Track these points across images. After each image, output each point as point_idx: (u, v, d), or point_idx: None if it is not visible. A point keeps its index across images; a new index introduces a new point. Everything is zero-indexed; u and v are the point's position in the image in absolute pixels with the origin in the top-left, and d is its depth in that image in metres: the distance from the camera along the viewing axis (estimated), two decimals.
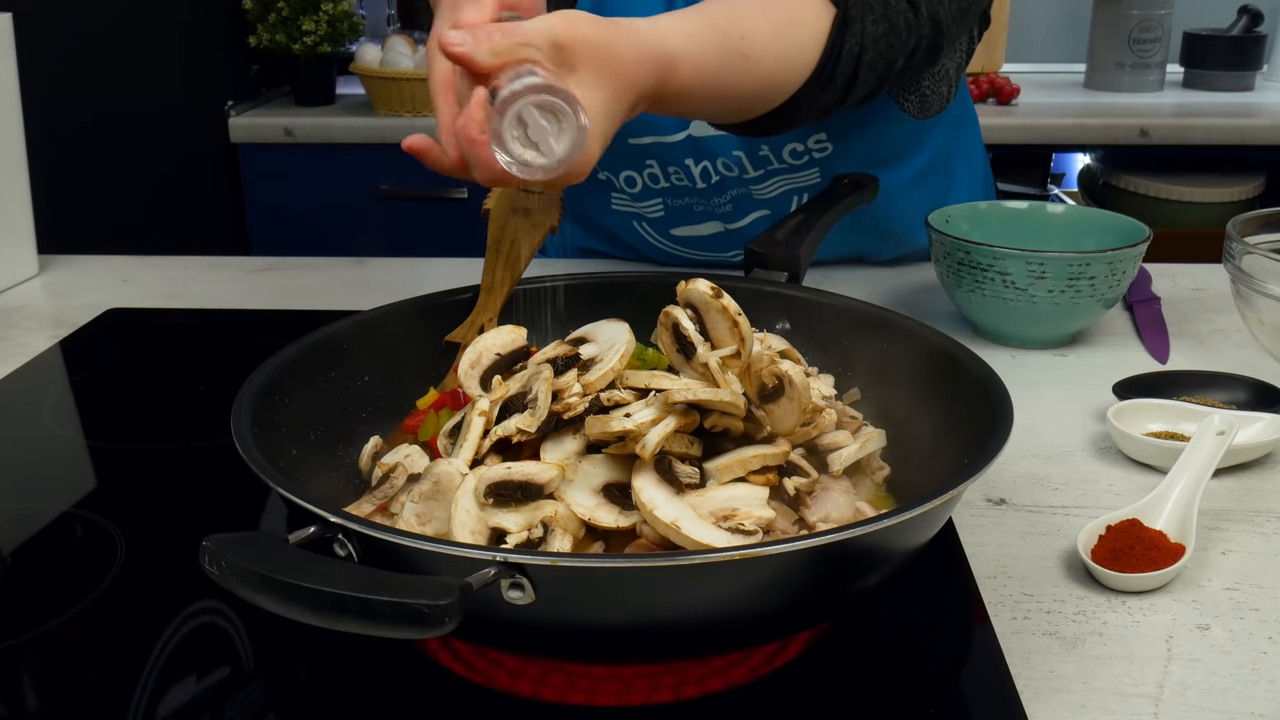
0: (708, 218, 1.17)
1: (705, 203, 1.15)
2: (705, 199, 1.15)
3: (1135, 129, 2.27)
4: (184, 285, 1.21)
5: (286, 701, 0.58)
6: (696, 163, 1.11)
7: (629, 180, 1.16)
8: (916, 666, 0.60)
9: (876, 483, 0.70)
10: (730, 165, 1.11)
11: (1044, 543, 0.70)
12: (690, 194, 1.15)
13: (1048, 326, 0.98)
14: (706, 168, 1.12)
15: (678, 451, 0.60)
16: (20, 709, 0.57)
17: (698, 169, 1.12)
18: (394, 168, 2.37)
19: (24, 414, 0.91)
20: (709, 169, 1.12)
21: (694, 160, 1.11)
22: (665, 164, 1.13)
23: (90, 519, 0.74)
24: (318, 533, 0.51)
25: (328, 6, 2.33)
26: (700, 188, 1.14)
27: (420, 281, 0.92)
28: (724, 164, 1.11)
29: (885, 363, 0.75)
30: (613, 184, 1.18)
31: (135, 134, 2.03)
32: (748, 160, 1.10)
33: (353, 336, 0.75)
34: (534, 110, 0.62)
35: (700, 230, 1.18)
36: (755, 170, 1.11)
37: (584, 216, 1.25)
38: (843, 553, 0.52)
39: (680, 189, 1.15)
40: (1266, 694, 0.57)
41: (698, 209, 1.16)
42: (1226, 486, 0.76)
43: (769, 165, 1.11)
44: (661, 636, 0.54)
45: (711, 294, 0.62)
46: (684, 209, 1.17)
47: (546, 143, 0.63)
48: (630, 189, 1.17)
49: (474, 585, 0.46)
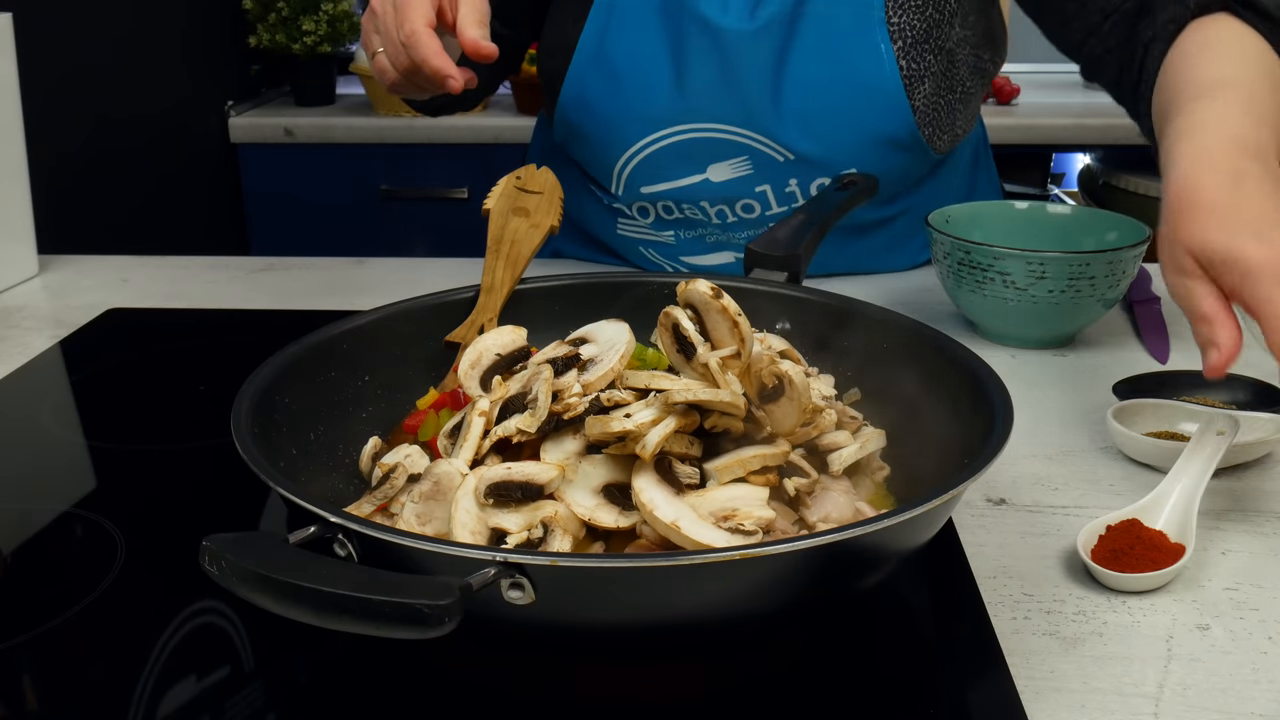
0: (722, 248, 1.15)
1: (721, 235, 1.14)
2: (721, 232, 1.13)
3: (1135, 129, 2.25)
4: (184, 285, 1.21)
5: (286, 701, 0.58)
6: (713, 204, 1.10)
7: (641, 211, 1.14)
8: (916, 667, 0.60)
9: (876, 483, 0.70)
10: (750, 207, 1.10)
11: (1044, 543, 0.70)
12: (704, 226, 1.13)
13: (1048, 326, 0.98)
14: (723, 209, 1.10)
15: (678, 452, 0.60)
16: (20, 709, 0.57)
17: (714, 209, 1.11)
18: (394, 168, 2.37)
19: (24, 414, 0.91)
20: (725, 211, 1.11)
21: (710, 203, 1.10)
22: (680, 202, 1.11)
23: (90, 519, 0.74)
24: (318, 533, 0.51)
25: (328, 6, 2.33)
26: (715, 224, 1.12)
27: (420, 281, 0.92)
28: (743, 206, 1.10)
29: (885, 363, 0.75)
30: (623, 211, 1.16)
31: (135, 134, 2.03)
32: (774, 198, 1.09)
33: (353, 336, 0.75)
34: None
35: (711, 259, 1.16)
36: (780, 207, 1.09)
37: (588, 235, 1.23)
38: (843, 553, 0.52)
39: (694, 221, 1.13)
40: (1266, 694, 0.57)
41: (710, 240, 1.15)
42: (1226, 486, 0.76)
43: (793, 202, 1.09)
44: (661, 636, 0.54)
45: (712, 294, 0.62)
46: (697, 239, 1.15)
47: None
48: (643, 219, 1.15)
49: (474, 585, 0.46)
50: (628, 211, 1.15)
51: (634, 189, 1.12)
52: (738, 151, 1.07)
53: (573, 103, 1.09)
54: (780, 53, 1.04)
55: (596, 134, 1.10)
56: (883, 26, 1.03)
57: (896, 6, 1.03)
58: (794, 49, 1.04)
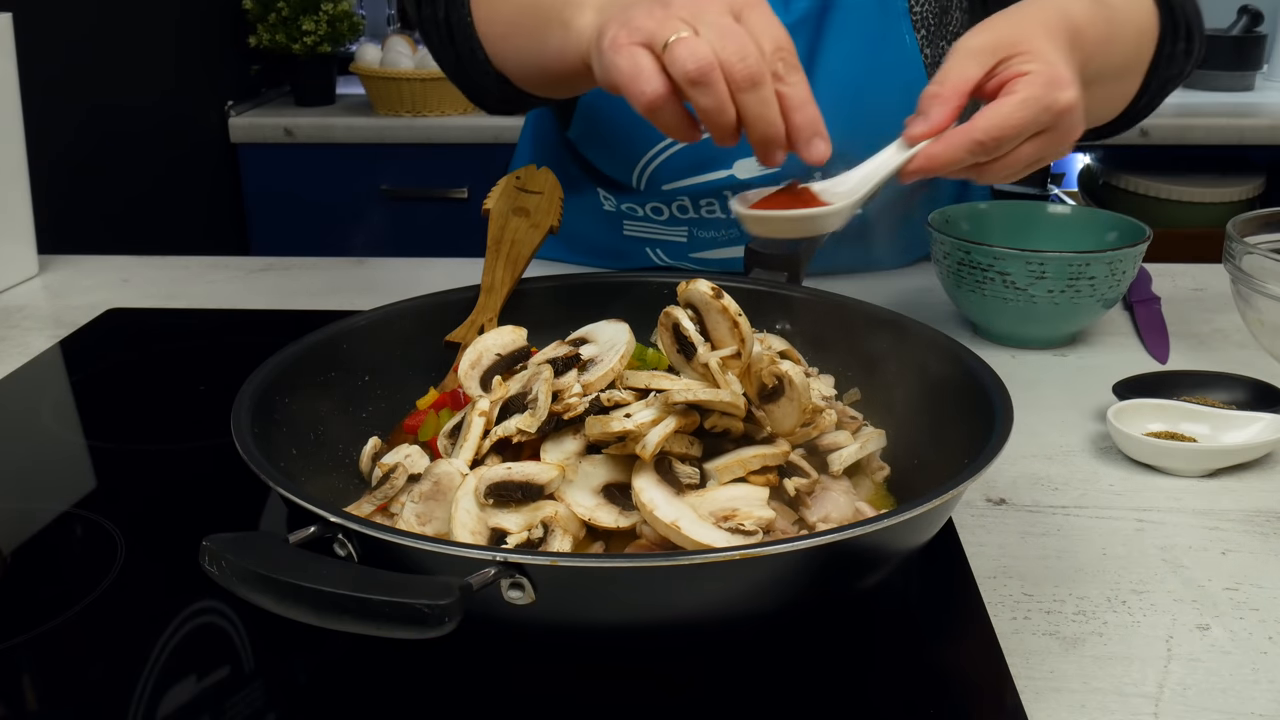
0: (734, 244, 1.14)
1: (736, 230, 1.12)
2: (736, 227, 1.12)
3: (1135, 129, 2.26)
4: (184, 285, 1.21)
5: (286, 701, 0.58)
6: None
7: (655, 210, 1.13)
8: (916, 667, 0.60)
9: (876, 483, 0.70)
10: None
11: (1044, 543, 0.70)
12: (718, 226, 1.12)
13: (1048, 326, 0.98)
14: None
15: (678, 452, 0.60)
16: (20, 709, 0.57)
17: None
18: (394, 168, 2.37)
19: (24, 414, 0.91)
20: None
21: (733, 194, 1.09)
22: (698, 198, 1.10)
23: (90, 519, 0.74)
24: (318, 533, 0.51)
25: (328, 6, 2.33)
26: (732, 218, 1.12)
27: (420, 281, 0.92)
28: None
29: (885, 363, 0.75)
30: (633, 212, 1.15)
31: (135, 134, 2.03)
32: None
33: (353, 336, 0.75)
34: None
35: (722, 254, 1.15)
36: None
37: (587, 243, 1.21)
38: (843, 553, 0.52)
39: (709, 221, 1.12)
40: (1266, 694, 0.57)
41: (723, 237, 1.14)
42: (1226, 486, 0.76)
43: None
44: (661, 636, 0.54)
45: (712, 294, 0.62)
46: (709, 240, 1.15)
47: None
48: (657, 217, 1.14)
49: (474, 585, 0.46)
50: (640, 211, 1.15)
51: (656, 186, 1.11)
52: None
53: (597, 100, 1.08)
54: (811, 46, 1.03)
55: (620, 131, 1.09)
56: (906, 17, 1.03)
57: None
58: (824, 42, 1.03)
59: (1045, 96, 0.67)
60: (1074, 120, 0.69)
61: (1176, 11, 0.92)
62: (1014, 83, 0.68)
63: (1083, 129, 0.71)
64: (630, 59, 0.64)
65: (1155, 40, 0.91)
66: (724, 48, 0.62)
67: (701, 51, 0.62)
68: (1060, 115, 0.68)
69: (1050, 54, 0.69)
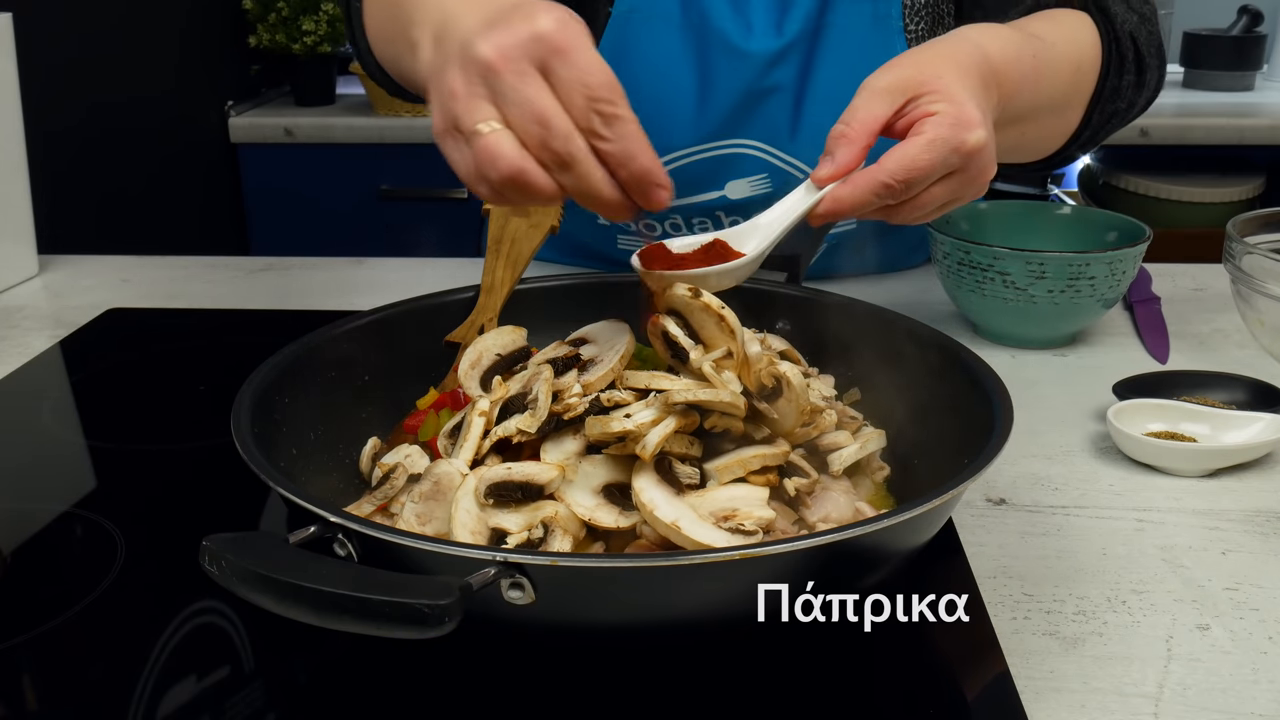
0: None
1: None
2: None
3: (1135, 129, 2.26)
4: (184, 285, 1.21)
5: (286, 701, 0.58)
6: (728, 215, 1.09)
7: (648, 226, 1.13)
8: (916, 666, 0.60)
9: (876, 483, 0.70)
10: None
11: (1044, 543, 0.70)
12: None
13: (1048, 326, 0.98)
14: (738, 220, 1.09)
15: (678, 452, 0.60)
16: (20, 709, 0.57)
17: (728, 220, 1.09)
18: (394, 168, 2.37)
19: (24, 414, 0.91)
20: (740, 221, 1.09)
21: (725, 214, 1.09)
22: (690, 217, 1.10)
23: (90, 519, 0.74)
24: (318, 533, 0.51)
25: (328, 6, 2.33)
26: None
27: (420, 281, 0.92)
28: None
29: (885, 363, 0.75)
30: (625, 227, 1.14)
31: (135, 134, 2.03)
32: None
33: (353, 336, 0.75)
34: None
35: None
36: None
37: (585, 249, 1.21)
38: (843, 553, 0.52)
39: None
40: (1266, 694, 0.57)
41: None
42: (1226, 486, 0.76)
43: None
44: (661, 636, 0.54)
45: (690, 295, 0.62)
46: None
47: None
48: (649, 233, 1.13)
49: (474, 585, 0.46)
50: (632, 226, 1.14)
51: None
52: (758, 169, 1.06)
53: None
54: (805, 67, 1.03)
55: None
56: (901, 36, 1.02)
57: (912, 13, 1.02)
58: (818, 63, 1.03)
59: (953, 138, 0.65)
60: (984, 161, 0.67)
61: (1124, 43, 0.91)
62: (921, 123, 0.66)
63: (994, 170, 0.68)
64: (456, 152, 0.59)
65: (1097, 73, 0.90)
66: (528, 131, 0.56)
67: (504, 154, 0.56)
68: (969, 156, 0.66)
69: (959, 93, 0.67)
